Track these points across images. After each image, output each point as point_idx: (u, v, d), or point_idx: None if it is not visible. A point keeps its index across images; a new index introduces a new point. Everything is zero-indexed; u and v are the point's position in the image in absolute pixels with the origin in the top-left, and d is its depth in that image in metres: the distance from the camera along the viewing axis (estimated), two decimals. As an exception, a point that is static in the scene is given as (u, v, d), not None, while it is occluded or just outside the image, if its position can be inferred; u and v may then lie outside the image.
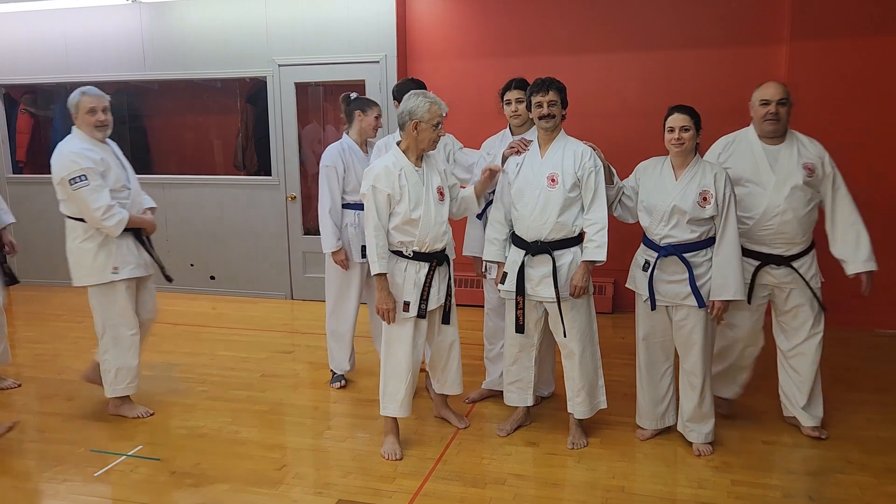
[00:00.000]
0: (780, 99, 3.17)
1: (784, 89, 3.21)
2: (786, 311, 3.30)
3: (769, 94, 3.20)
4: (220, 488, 3.01)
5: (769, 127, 3.20)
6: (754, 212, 3.20)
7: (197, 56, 6.01)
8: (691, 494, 2.90)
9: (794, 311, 3.28)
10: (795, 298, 3.26)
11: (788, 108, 3.21)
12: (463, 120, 5.42)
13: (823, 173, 3.20)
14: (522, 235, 3.22)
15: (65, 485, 3.06)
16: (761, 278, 3.27)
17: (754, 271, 3.26)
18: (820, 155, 3.22)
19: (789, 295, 3.26)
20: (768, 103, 3.19)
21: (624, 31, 5.31)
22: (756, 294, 3.30)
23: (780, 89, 3.20)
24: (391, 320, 3.17)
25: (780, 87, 3.21)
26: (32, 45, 6.35)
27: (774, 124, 3.19)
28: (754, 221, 3.21)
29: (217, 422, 3.66)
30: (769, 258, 3.24)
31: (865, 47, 4.80)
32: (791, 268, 3.23)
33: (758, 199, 3.20)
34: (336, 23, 5.66)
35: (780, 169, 3.19)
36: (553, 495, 2.92)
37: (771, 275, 3.26)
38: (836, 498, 2.87)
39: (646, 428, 3.39)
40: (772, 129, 3.20)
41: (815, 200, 3.23)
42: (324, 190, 3.85)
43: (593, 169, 3.13)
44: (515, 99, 3.50)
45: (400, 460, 3.24)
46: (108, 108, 3.61)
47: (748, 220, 3.22)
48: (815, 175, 3.18)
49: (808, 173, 3.17)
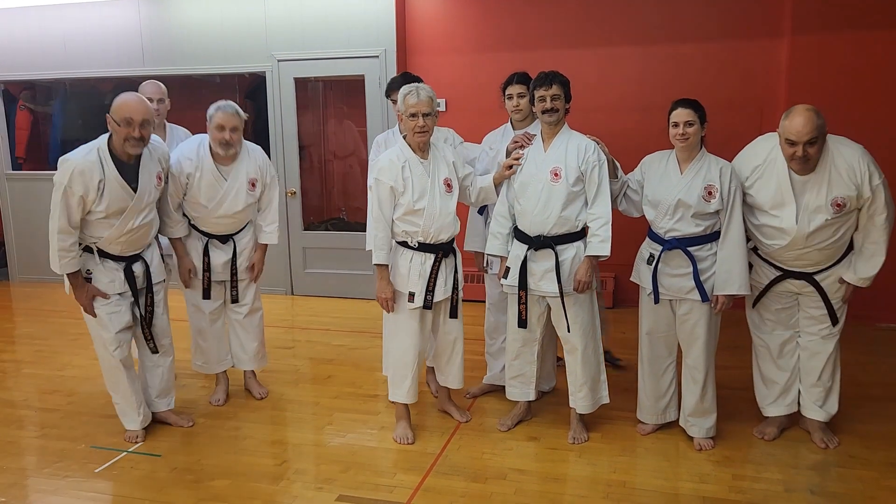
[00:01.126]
0: (810, 140, 2.77)
1: (814, 123, 2.76)
2: (802, 309, 3.21)
3: (796, 134, 2.77)
4: (220, 484, 3.01)
5: (797, 167, 2.87)
6: (773, 242, 3.03)
7: (196, 52, 5.99)
8: (692, 489, 2.90)
9: (810, 313, 3.18)
10: (814, 303, 3.15)
11: (821, 143, 2.83)
12: (463, 114, 5.42)
13: (859, 198, 2.87)
14: (525, 230, 3.21)
15: (66, 481, 3.06)
16: (781, 285, 3.17)
17: (773, 280, 3.15)
18: (858, 180, 2.85)
19: (808, 298, 3.16)
20: (794, 144, 2.80)
21: (624, 24, 5.29)
22: (776, 301, 3.20)
23: (808, 126, 2.75)
24: (390, 309, 3.22)
25: (809, 125, 2.76)
26: (31, 41, 6.33)
27: (802, 165, 2.85)
28: (775, 250, 3.06)
29: (218, 418, 3.65)
30: (790, 273, 3.12)
31: (867, 41, 4.79)
32: (813, 283, 3.08)
33: (778, 232, 3.00)
34: (335, 17, 5.64)
35: (806, 205, 2.91)
36: (554, 490, 2.92)
37: (791, 283, 3.15)
38: (838, 492, 2.86)
39: (647, 423, 3.39)
40: (799, 168, 2.88)
41: (847, 225, 2.96)
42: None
43: (597, 163, 3.12)
44: (517, 93, 3.49)
45: (412, 444, 3.28)
46: (236, 127, 3.45)
47: (768, 246, 3.07)
48: (844, 210, 2.88)
49: (837, 210, 2.87)
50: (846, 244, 3.06)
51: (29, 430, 3.56)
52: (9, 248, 6.78)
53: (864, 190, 2.88)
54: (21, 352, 4.77)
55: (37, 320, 5.53)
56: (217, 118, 3.41)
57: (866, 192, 2.88)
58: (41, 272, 6.67)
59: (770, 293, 3.21)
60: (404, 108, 3.13)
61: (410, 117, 3.11)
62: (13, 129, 6.71)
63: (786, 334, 3.26)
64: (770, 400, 3.34)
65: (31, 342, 4.98)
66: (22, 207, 6.67)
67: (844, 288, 3.09)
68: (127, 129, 3.06)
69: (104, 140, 3.15)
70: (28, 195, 6.60)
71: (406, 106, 3.12)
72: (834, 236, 2.98)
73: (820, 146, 2.85)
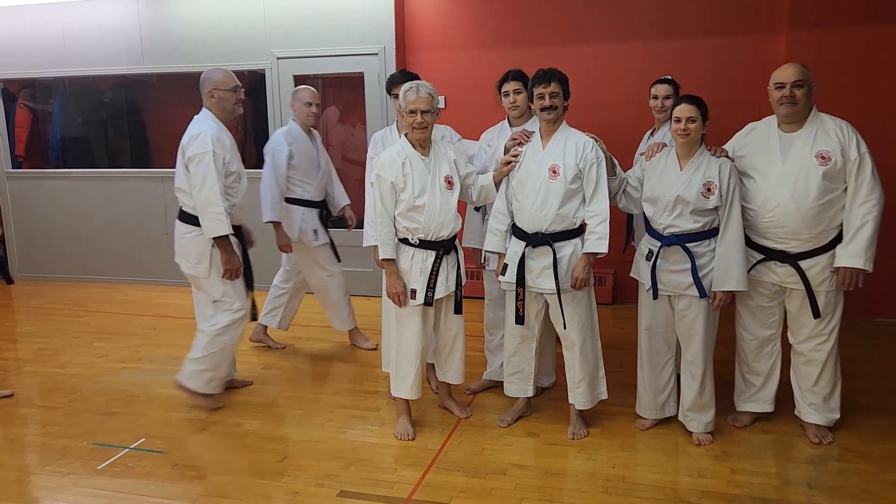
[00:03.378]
0: (796, 81, 2.99)
1: (801, 71, 3.02)
2: (790, 311, 3.20)
3: (783, 77, 3.02)
4: (222, 480, 3.02)
5: (784, 110, 3.03)
6: (755, 203, 3.09)
7: (195, 49, 5.99)
8: (691, 483, 2.92)
9: (797, 311, 3.17)
10: (798, 299, 3.14)
11: (807, 91, 3.01)
12: (463, 111, 5.42)
13: (845, 160, 2.97)
14: (523, 227, 3.22)
15: (68, 478, 3.07)
16: (763, 274, 3.17)
17: (754, 264, 3.15)
18: (844, 141, 2.98)
19: (791, 294, 3.16)
20: (783, 86, 3.01)
21: (622, 21, 5.30)
22: (758, 297, 3.20)
23: (795, 71, 3.01)
24: (402, 303, 3.23)
25: (796, 69, 3.02)
26: (30, 39, 6.33)
27: (790, 107, 3.01)
28: (755, 213, 3.10)
29: (219, 414, 3.67)
30: (772, 253, 3.12)
31: (864, 36, 4.79)
32: (796, 267, 3.07)
33: (759, 189, 3.07)
34: (334, 15, 5.64)
35: (791, 158, 3.03)
36: (554, 485, 2.93)
37: (774, 272, 3.14)
38: (835, 486, 2.88)
39: (646, 418, 3.40)
40: (787, 112, 3.03)
41: (833, 194, 2.99)
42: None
43: (595, 160, 3.13)
44: (513, 90, 3.50)
45: (412, 440, 3.30)
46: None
47: (751, 210, 3.11)
48: (830, 163, 2.97)
49: (822, 162, 2.97)
50: (832, 226, 3.04)
51: (31, 428, 3.57)
52: (9, 247, 6.79)
53: (851, 151, 2.97)
54: (22, 350, 4.79)
55: (38, 318, 5.54)
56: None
57: (853, 153, 2.97)
58: (41, 270, 6.70)
59: (753, 284, 3.17)
60: (404, 104, 3.14)
61: (410, 114, 3.13)
62: (13, 128, 6.71)
63: (764, 334, 3.26)
64: (744, 397, 3.38)
65: (32, 340, 4.99)
66: (22, 206, 6.68)
67: (846, 277, 3.02)
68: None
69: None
70: (28, 194, 6.61)
71: (406, 102, 3.13)
72: (816, 200, 2.98)
73: (806, 92, 3.01)
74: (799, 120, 3.07)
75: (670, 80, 3.80)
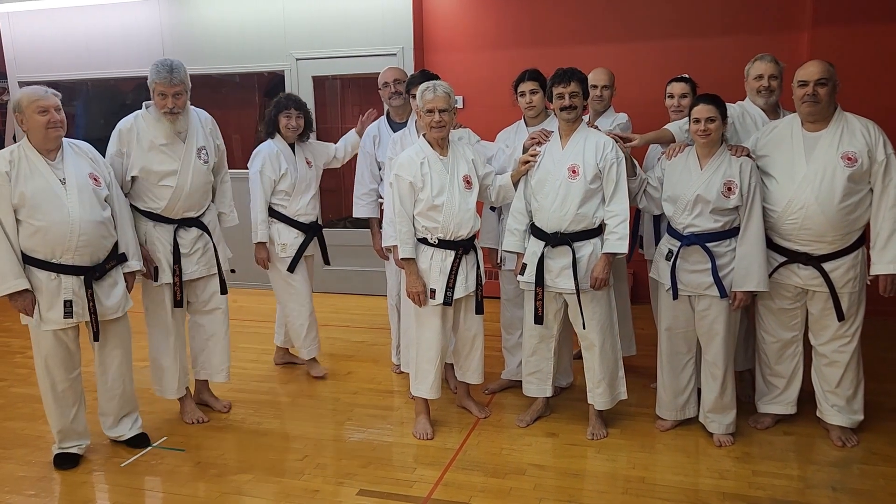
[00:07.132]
0: (820, 79, 2.92)
1: (826, 68, 2.95)
2: (813, 313, 3.16)
3: (807, 74, 2.96)
4: (243, 478, 3.05)
5: (807, 109, 2.97)
6: (777, 205, 3.04)
7: (215, 51, 6.04)
8: (712, 485, 2.89)
9: (819, 314, 3.13)
10: (821, 301, 3.10)
11: (831, 89, 2.95)
12: (481, 111, 5.42)
13: (871, 161, 2.91)
14: (542, 227, 3.21)
15: (93, 475, 3.12)
16: (786, 277, 3.13)
17: (776, 267, 3.11)
18: (871, 142, 2.92)
19: (814, 296, 3.11)
20: (806, 84, 2.95)
21: (641, 19, 5.27)
22: (780, 299, 3.16)
23: (820, 69, 2.94)
24: (422, 303, 3.24)
25: (821, 66, 2.95)
26: (54, 43, 6.43)
27: (812, 106, 2.95)
28: (777, 215, 3.05)
29: (239, 413, 3.71)
30: (796, 256, 3.07)
31: (888, 34, 4.72)
32: (820, 269, 3.02)
33: (783, 191, 3.01)
34: (353, 16, 5.67)
35: (815, 158, 2.96)
36: (573, 485, 2.93)
37: (797, 275, 3.10)
38: (860, 489, 2.84)
39: (666, 419, 3.38)
40: (809, 111, 2.97)
41: (858, 195, 2.95)
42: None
43: (615, 160, 3.11)
44: (529, 90, 3.49)
45: (431, 440, 3.30)
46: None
47: (773, 212, 3.05)
48: (857, 165, 2.91)
49: (848, 163, 2.91)
50: (856, 227, 3.00)
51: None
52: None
53: (878, 152, 2.92)
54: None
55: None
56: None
57: (879, 154, 2.91)
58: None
59: (775, 286, 3.14)
60: (422, 104, 3.15)
61: (427, 113, 3.14)
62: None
63: (786, 336, 3.23)
64: (766, 399, 3.35)
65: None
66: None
67: (888, 284, 2.99)
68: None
69: None
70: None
71: (423, 102, 3.14)
72: (842, 202, 2.93)
73: (830, 91, 2.95)
74: (822, 119, 3.01)
75: (687, 78, 3.76)
